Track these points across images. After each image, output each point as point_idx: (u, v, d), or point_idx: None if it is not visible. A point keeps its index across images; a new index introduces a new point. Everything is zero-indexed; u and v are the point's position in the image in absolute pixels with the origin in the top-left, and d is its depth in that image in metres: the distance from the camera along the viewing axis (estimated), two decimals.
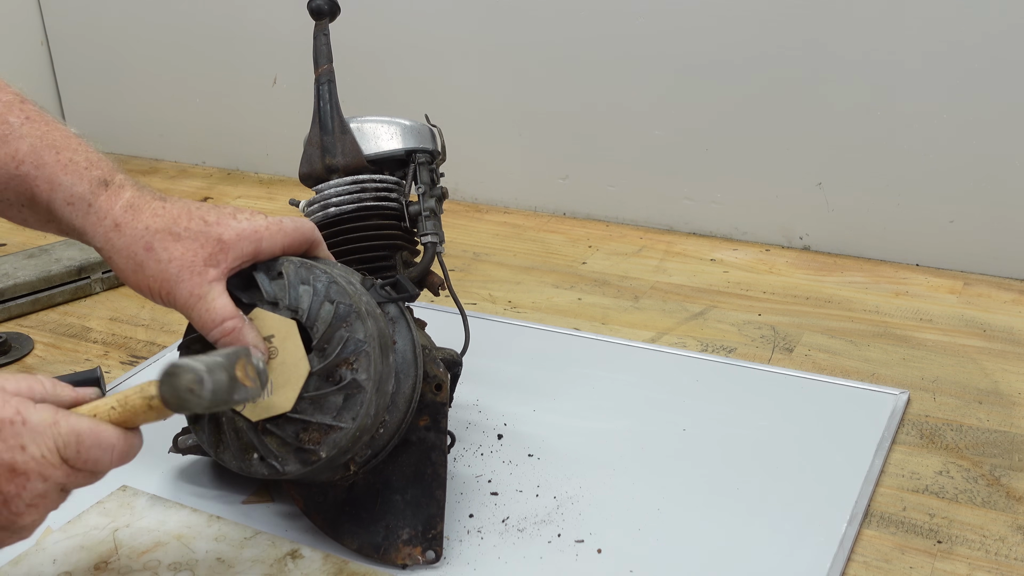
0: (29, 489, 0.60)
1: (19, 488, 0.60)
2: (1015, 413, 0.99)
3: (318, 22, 0.94)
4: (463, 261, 1.39)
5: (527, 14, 1.46)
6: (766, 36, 1.33)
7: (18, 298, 1.25)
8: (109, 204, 0.73)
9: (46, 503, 0.62)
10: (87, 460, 0.62)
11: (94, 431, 0.62)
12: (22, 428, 0.60)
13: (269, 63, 1.71)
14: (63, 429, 0.61)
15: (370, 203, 0.91)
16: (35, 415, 0.61)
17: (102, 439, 0.63)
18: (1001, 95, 1.22)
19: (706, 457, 0.91)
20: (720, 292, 1.27)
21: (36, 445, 0.60)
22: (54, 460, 0.61)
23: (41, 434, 0.61)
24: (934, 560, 0.79)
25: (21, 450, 0.60)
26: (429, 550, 0.78)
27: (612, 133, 1.47)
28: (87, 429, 0.62)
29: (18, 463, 0.60)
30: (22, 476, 0.60)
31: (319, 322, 0.73)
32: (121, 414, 0.64)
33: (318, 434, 0.72)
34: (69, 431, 0.61)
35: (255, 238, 0.74)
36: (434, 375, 0.80)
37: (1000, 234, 1.28)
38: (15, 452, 0.60)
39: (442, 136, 0.98)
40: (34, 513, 0.62)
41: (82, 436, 0.62)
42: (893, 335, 1.15)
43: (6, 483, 0.60)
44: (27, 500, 0.61)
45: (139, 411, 0.64)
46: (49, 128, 0.75)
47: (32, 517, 0.62)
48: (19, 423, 0.60)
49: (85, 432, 0.62)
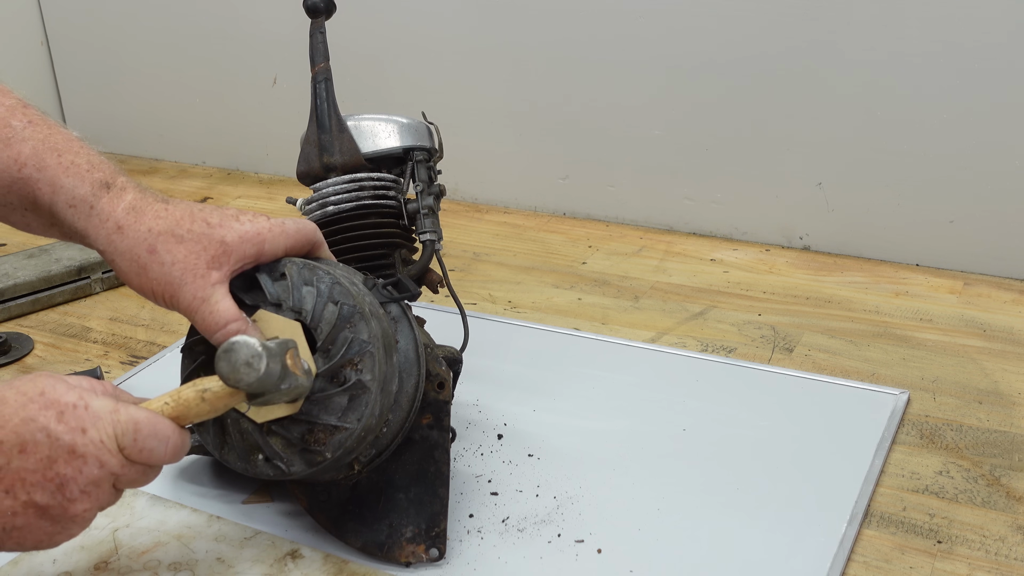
0: (85, 474, 0.63)
1: (76, 472, 0.62)
2: (1015, 413, 0.99)
3: (314, 20, 0.94)
4: (463, 261, 1.39)
5: (527, 14, 1.46)
6: (766, 36, 1.33)
7: (18, 298, 1.25)
8: (111, 206, 0.73)
9: (98, 493, 0.64)
10: (143, 450, 0.64)
11: (151, 421, 0.65)
12: (84, 413, 0.63)
13: (269, 63, 1.71)
14: (123, 417, 0.64)
15: (368, 201, 0.91)
16: (97, 402, 0.64)
17: (158, 430, 0.65)
18: (1001, 95, 1.23)
19: (706, 457, 0.91)
20: (720, 292, 1.27)
21: (96, 429, 0.63)
22: (112, 446, 0.63)
23: (102, 419, 0.63)
24: (934, 560, 0.79)
25: (82, 433, 0.63)
26: (433, 548, 0.78)
27: (612, 133, 1.48)
28: (145, 419, 0.65)
29: (78, 445, 0.62)
30: (80, 459, 0.62)
31: (323, 323, 0.74)
32: (174, 409, 0.67)
33: (323, 435, 0.73)
34: (128, 419, 0.64)
35: (258, 240, 0.74)
36: (436, 373, 0.80)
37: (1000, 234, 1.28)
38: (76, 435, 0.62)
39: (439, 133, 0.98)
40: (86, 501, 0.63)
41: (140, 425, 0.64)
42: (893, 335, 1.15)
43: (64, 465, 0.62)
44: (81, 485, 0.63)
45: (192, 404, 0.67)
46: (51, 132, 0.75)
47: (84, 506, 0.63)
48: (82, 407, 0.63)
49: (143, 422, 0.64)
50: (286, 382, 0.68)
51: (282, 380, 0.67)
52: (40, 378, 0.64)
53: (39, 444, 0.62)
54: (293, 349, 0.69)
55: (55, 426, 0.62)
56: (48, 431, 0.62)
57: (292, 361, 0.69)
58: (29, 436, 0.61)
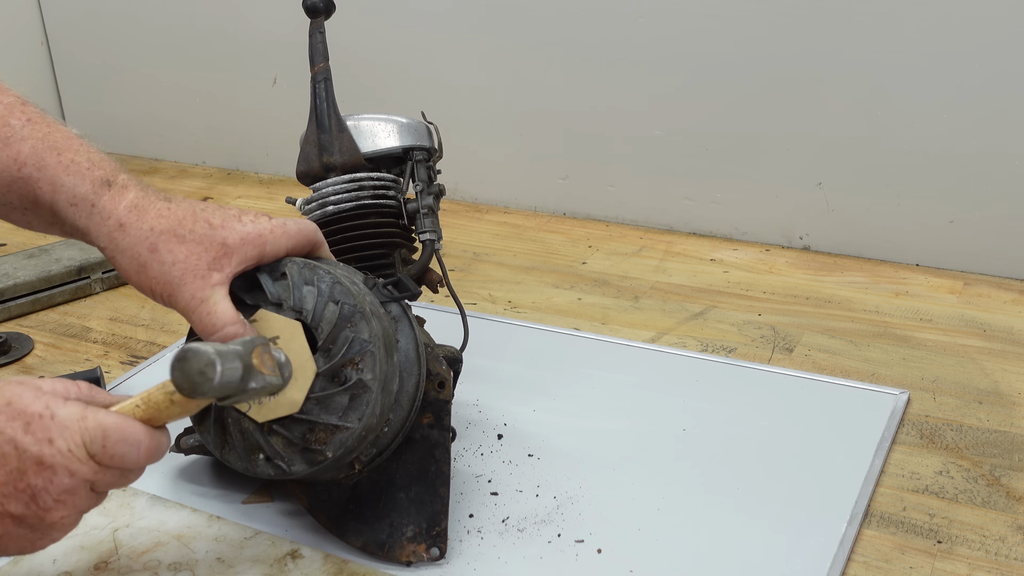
0: (56, 484, 0.62)
1: (46, 482, 0.61)
2: (1015, 413, 0.99)
3: (313, 20, 0.94)
4: (463, 261, 1.39)
5: (527, 14, 1.46)
6: (766, 36, 1.33)
7: (18, 298, 1.25)
8: (113, 204, 0.73)
9: (74, 500, 0.63)
10: (113, 455, 0.63)
11: (120, 426, 0.63)
12: (50, 422, 0.62)
13: (269, 63, 1.71)
14: (90, 424, 0.63)
15: (368, 201, 0.91)
16: (63, 410, 0.63)
17: (128, 434, 0.63)
18: (1001, 95, 1.23)
19: (706, 457, 0.91)
20: (720, 292, 1.27)
21: (63, 439, 0.62)
22: (80, 455, 0.62)
23: (68, 428, 0.62)
24: (934, 560, 0.79)
25: (49, 443, 0.61)
26: (433, 547, 0.78)
27: (612, 133, 1.48)
28: (113, 424, 0.63)
29: (45, 456, 0.61)
30: (49, 470, 0.61)
31: (324, 323, 0.74)
32: (145, 411, 0.65)
33: (324, 434, 0.73)
34: (96, 426, 0.63)
35: (259, 242, 0.74)
36: (437, 373, 0.80)
37: (1000, 234, 1.28)
38: (43, 445, 0.61)
39: (439, 133, 0.98)
40: (62, 509, 0.63)
41: (108, 431, 0.63)
42: (893, 335, 1.15)
43: (34, 476, 0.61)
44: (54, 495, 0.62)
45: (162, 406, 0.65)
46: (51, 130, 0.75)
47: (60, 513, 0.63)
48: (48, 417, 0.62)
49: (111, 427, 0.63)
50: (253, 382, 0.65)
51: (247, 381, 0.64)
52: (8, 387, 0.63)
53: (7, 456, 0.61)
54: (262, 346, 0.67)
55: (22, 437, 0.61)
56: (15, 443, 0.61)
57: (259, 360, 0.66)
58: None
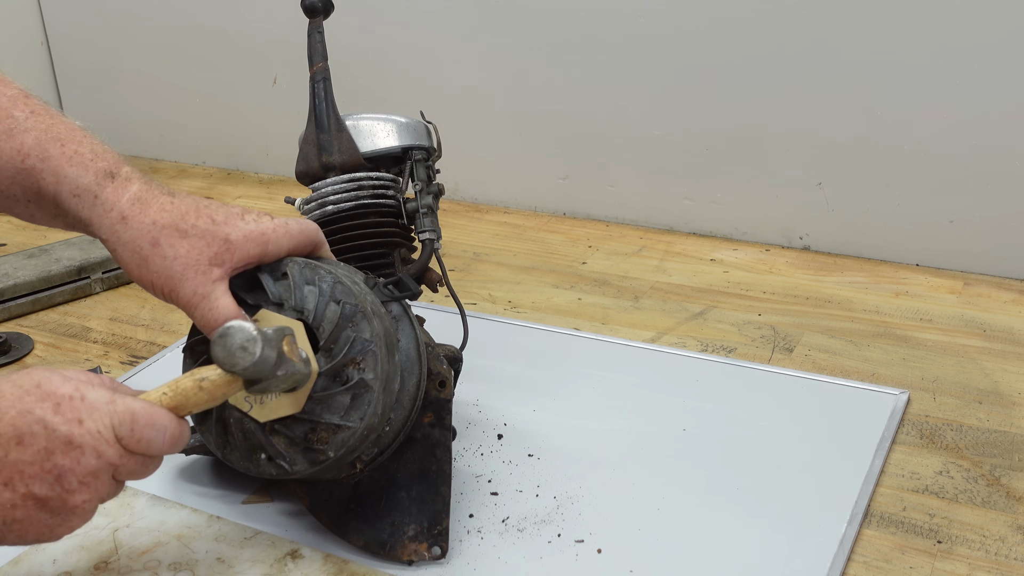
0: (83, 464, 0.63)
1: (73, 462, 0.62)
2: (1015, 413, 0.99)
3: (312, 20, 0.94)
4: (463, 261, 1.39)
5: (527, 14, 1.46)
6: (766, 36, 1.33)
7: (18, 298, 1.25)
8: (116, 196, 0.73)
9: (97, 484, 0.64)
10: (140, 440, 0.64)
11: (148, 411, 0.65)
12: (80, 403, 0.63)
13: (269, 63, 1.71)
14: (119, 407, 0.64)
15: (367, 201, 0.91)
16: (93, 393, 0.64)
17: (155, 419, 0.65)
18: (1001, 95, 1.23)
19: (706, 457, 0.91)
20: (720, 292, 1.27)
21: (93, 420, 0.63)
22: (108, 436, 0.63)
23: (98, 410, 0.63)
24: (934, 560, 0.79)
25: (79, 423, 0.63)
26: (435, 546, 0.78)
27: (612, 133, 1.48)
28: (141, 409, 0.65)
29: (75, 436, 0.62)
30: (77, 449, 0.62)
31: (325, 322, 0.74)
32: (172, 398, 0.67)
33: (326, 434, 0.73)
34: (124, 410, 0.64)
35: (262, 240, 0.74)
36: (437, 372, 0.80)
37: (1000, 234, 1.28)
38: (73, 425, 0.62)
39: (438, 132, 0.98)
40: (85, 492, 0.63)
41: (136, 415, 0.64)
42: (893, 335, 1.15)
43: (62, 456, 0.62)
44: (80, 476, 0.63)
45: (190, 393, 0.67)
46: (54, 121, 0.75)
47: (83, 496, 0.63)
48: (78, 399, 0.63)
49: (139, 412, 0.64)
50: (283, 368, 0.68)
51: (278, 366, 0.67)
52: (36, 371, 0.64)
53: (36, 436, 0.62)
54: (290, 336, 0.69)
55: (52, 417, 0.62)
56: (45, 423, 0.62)
57: (289, 348, 0.69)
58: (26, 428, 0.61)
